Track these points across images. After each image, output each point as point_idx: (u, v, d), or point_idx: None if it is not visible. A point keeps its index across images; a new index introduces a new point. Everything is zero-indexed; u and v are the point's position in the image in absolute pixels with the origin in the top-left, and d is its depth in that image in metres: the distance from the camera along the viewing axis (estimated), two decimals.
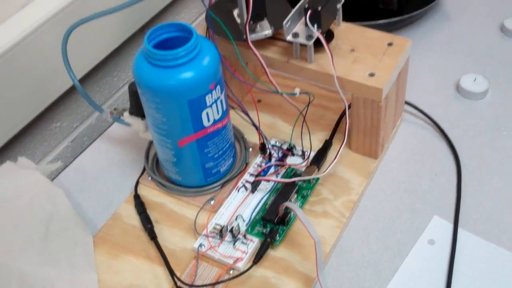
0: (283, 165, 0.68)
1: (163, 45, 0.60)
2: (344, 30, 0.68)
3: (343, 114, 0.73)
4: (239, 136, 0.72)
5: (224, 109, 0.62)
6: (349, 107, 0.66)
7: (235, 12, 0.68)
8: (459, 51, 0.83)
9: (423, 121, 0.75)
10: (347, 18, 0.73)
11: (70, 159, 0.86)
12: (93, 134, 0.90)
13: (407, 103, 0.75)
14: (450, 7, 0.90)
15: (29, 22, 0.72)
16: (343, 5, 0.67)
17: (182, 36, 0.59)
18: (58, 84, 0.78)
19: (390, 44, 0.66)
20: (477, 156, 0.70)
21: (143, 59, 0.58)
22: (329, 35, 0.66)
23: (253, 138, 0.71)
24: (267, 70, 0.63)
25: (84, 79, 0.84)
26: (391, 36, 0.67)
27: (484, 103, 0.76)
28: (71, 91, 0.82)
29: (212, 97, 0.59)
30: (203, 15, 1.05)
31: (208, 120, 0.61)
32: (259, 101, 0.77)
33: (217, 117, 0.61)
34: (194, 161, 0.64)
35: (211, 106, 0.60)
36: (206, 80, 0.58)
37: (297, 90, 0.62)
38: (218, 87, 0.60)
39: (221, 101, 0.61)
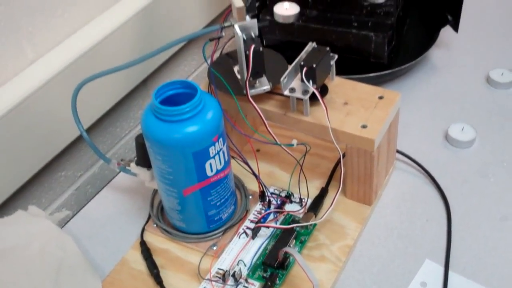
0: (281, 212, 0.71)
1: (169, 100, 0.64)
2: (338, 84, 0.73)
3: (338, 163, 0.77)
4: (239, 185, 0.75)
5: (226, 160, 0.66)
6: (344, 156, 0.70)
7: (236, 69, 0.73)
8: (447, 102, 0.88)
9: (414, 168, 0.79)
10: (341, 72, 0.78)
11: (74, 207, 0.89)
12: (96, 183, 0.93)
13: (399, 151, 0.79)
14: (438, 59, 0.95)
15: (38, 77, 0.77)
16: (336, 60, 0.72)
17: (187, 92, 0.64)
18: (64, 135, 0.83)
19: (381, 98, 0.70)
20: (466, 202, 0.74)
21: (151, 114, 0.63)
22: (324, 90, 0.71)
23: (253, 186, 0.75)
24: (266, 122, 0.67)
25: (89, 130, 0.88)
26: (381, 90, 0.71)
27: (471, 151, 0.80)
28: (76, 141, 0.85)
29: (215, 149, 0.63)
30: (202, 67, 1.10)
31: (211, 170, 0.65)
32: (258, 150, 0.81)
33: (219, 167, 0.65)
34: (198, 209, 0.67)
35: (214, 157, 0.64)
36: (210, 133, 0.62)
37: (294, 142, 0.66)
38: (221, 139, 0.64)
39: (223, 152, 0.65)
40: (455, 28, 0.91)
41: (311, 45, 0.70)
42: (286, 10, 0.86)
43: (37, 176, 0.82)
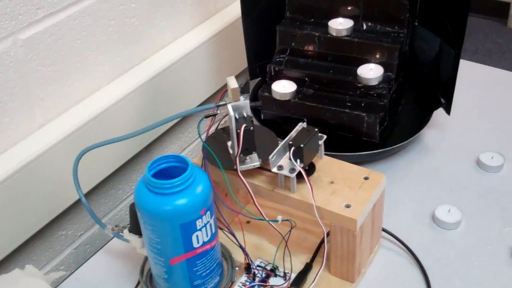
0: (265, 286, 0.73)
1: (163, 172, 0.67)
2: (326, 163, 0.76)
3: (323, 239, 0.79)
4: (227, 255, 0.78)
5: (213, 232, 0.69)
6: (328, 234, 0.72)
7: (229, 144, 0.76)
8: (436, 182, 0.90)
9: (399, 248, 0.81)
10: (334, 148, 0.81)
11: (72, 265, 0.92)
12: (95, 242, 0.96)
13: (385, 230, 0.81)
14: (430, 140, 0.98)
15: (45, 140, 0.81)
16: (328, 137, 0.75)
17: (179, 166, 0.67)
18: (67, 195, 0.86)
19: (366, 178, 0.73)
20: (448, 285, 0.75)
21: (143, 186, 0.66)
22: (311, 168, 0.74)
23: (240, 257, 0.77)
24: (254, 197, 0.70)
25: (91, 191, 0.91)
26: (367, 171, 0.74)
27: (457, 233, 0.82)
28: (78, 201, 0.89)
29: (202, 221, 0.66)
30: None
31: (198, 242, 0.67)
32: (248, 222, 0.83)
33: (206, 239, 0.68)
34: (184, 278, 0.69)
35: (201, 229, 0.66)
36: (198, 206, 0.65)
37: (279, 218, 0.69)
38: (208, 212, 0.67)
39: (210, 225, 0.68)
40: (448, 110, 0.94)
41: (301, 125, 0.74)
42: (283, 88, 0.91)
43: (39, 234, 0.85)
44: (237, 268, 0.76)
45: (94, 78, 0.89)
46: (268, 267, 0.76)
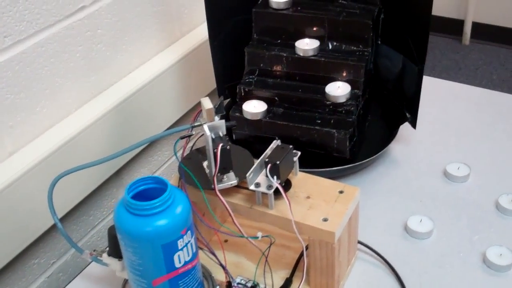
0: None
1: (141, 194, 0.68)
2: (301, 179, 0.77)
3: (302, 254, 0.80)
4: (207, 275, 0.78)
5: (194, 251, 0.70)
6: (307, 247, 0.74)
7: (205, 164, 0.77)
8: (406, 194, 0.93)
9: (375, 259, 0.82)
10: (305, 165, 0.82)
11: None
12: (68, 270, 0.95)
13: (360, 242, 0.83)
14: (397, 154, 1.01)
15: (16, 168, 0.80)
16: (299, 156, 0.77)
17: (158, 187, 0.68)
18: (39, 224, 0.85)
19: (341, 192, 0.75)
20: None
21: (123, 208, 0.66)
22: (287, 184, 0.75)
23: (220, 276, 0.77)
24: (232, 216, 0.71)
25: (63, 218, 0.90)
26: (342, 185, 0.76)
27: (429, 242, 0.85)
28: (50, 229, 0.88)
29: (183, 241, 0.67)
30: (172, 158, 1.15)
31: (180, 262, 0.68)
32: (225, 241, 0.84)
33: (187, 258, 0.68)
34: None
35: (182, 249, 0.67)
36: (178, 226, 0.66)
37: (259, 234, 0.70)
38: (189, 232, 0.67)
39: (191, 244, 0.68)
40: (413, 125, 0.97)
41: (275, 143, 0.75)
42: (254, 108, 0.93)
43: (11, 263, 0.83)
44: (218, 287, 0.77)
45: (63, 105, 0.89)
46: (249, 284, 0.77)
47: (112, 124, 0.94)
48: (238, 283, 0.77)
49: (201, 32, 1.10)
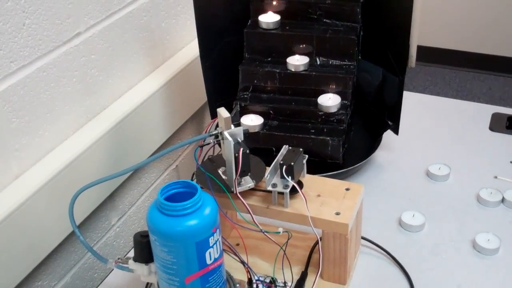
0: None
1: (169, 198, 0.73)
2: (309, 180, 0.84)
3: (312, 250, 0.87)
4: (226, 274, 0.83)
5: (221, 249, 0.75)
6: (317, 243, 0.80)
7: (220, 170, 0.83)
8: (395, 194, 1.01)
9: (376, 251, 0.90)
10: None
11: None
12: None
13: (362, 237, 0.90)
14: (382, 159, 1.09)
15: (20, 193, 0.83)
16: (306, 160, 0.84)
17: (187, 191, 0.73)
18: (45, 246, 0.88)
19: (347, 189, 0.82)
20: (426, 277, 0.85)
21: (156, 211, 0.71)
22: (299, 184, 0.82)
23: (237, 276, 0.83)
24: (252, 215, 0.77)
25: (63, 241, 0.93)
26: (347, 183, 0.83)
27: (423, 234, 0.93)
28: (52, 252, 0.91)
29: (214, 238, 0.72)
30: (160, 178, 1.19)
31: (210, 259, 0.73)
32: (237, 244, 0.89)
33: (216, 255, 0.74)
34: None
35: (212, 246, 0.72)
36: (210, 225, 0.71)
37: (280, 229, 0.76)
38: (218, 230, 0.73)
39: (219, 242, 0.74)
40: (396, 131, 1.06)
41: (285, 148, 0.82)
42: (251, 121, 1.00)
43: (17, 286, 0.85)
44: (238, 285, 0.82)
45: (62, 128, 0.93)
46: (267, 280, 0.82)
47: (108, 145, 0.98)
48: (257, 280, 0.82)
49: (182, 56, 1.17)
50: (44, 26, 0.85)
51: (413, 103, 1.24)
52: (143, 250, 0.77)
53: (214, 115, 1.10)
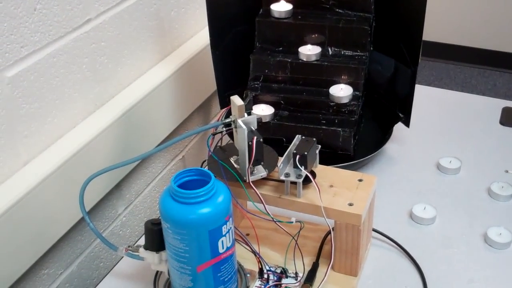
0: (280, 285, 0.79)
1: (182, 186, 0.72)
2: (322, 171, 0.83)
3: (323, 241, 0.86)
4: (237, 265, 0.83)
5: (233, 238, 0.74)
6: (328, 234, 0.80)
7: (232, 159, 0.82)
8: (406, 187, 1.01)
9: (387, 243, 0.89)
10: None
11: None
12: (73, 281, 0.97)
13: (373, 229, 0.89)
14: (392, 152, 1.09)
15: (29, 180, 0.82)
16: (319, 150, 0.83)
17: (200, 179, 0.72)
18: (52, 233, 0.88)
19: (360, 180, 0.81)
20: (438, 270, 0.85)
21: (170, 198, 0.70)
22: (312, 174, 0.81)
23: (248, 266, 0.82)
24: (265, 204, 0.76)
25: (70, 229, 0.92)
26: (360, 174, 0.83)
27: (434, 227, 0.92)
28: (60, 239, 0.90)
29: (226, 227, 0.72)
30: (166, 169, 1.18)
31: (223, 247, 0.72)
32: (247, 234, 0.89)
33: (229, 244, 0.73)
34: (208, 285, 0.74)
35: (225, 235, 0.72)
36: (223, 213, 0.71)
37: (293, 219, 0.76)
38: (231, 219, 0.72)
39: (232, 231, 0.73)
40: (407, 124, 1.05)
41: (298, 138, 0.81)
42: (262, 111, 0.99)
43: (24, 274, 0.85)
44: (248, 275, 0.81)
45: (71, 115, 0.92)
46: (278, 270, 0.82)
47: (117, 133, 0.97)
48: (268, 270, 0.82)
49: (191, 46, 1.16)
50: (55, 12, 0.84)
51: (422, 96, 1.23)
52: (154, 238, 0.76)
53: (223, 105, 1.10)
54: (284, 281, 0.80)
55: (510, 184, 0.98)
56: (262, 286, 0.79)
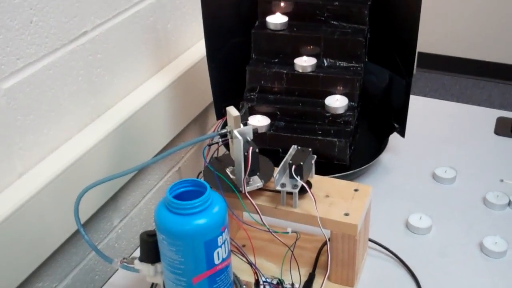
0: None
1: (177, 197, 0.72)
2: (317, 181, 0.84)
3: (319, 252, 0.86)
4: (233, 276, 0.82)
5: (229, 249, 0.74)
6: (324, 244, 0.80)
7: (228, 170, 0.82)
8: (402, 196, 1.01)
9: (384, 253, 0.89)
10: None
11: None
12: None
13: (369, 239, 0.89)
14: (388, 162, 1.09)
15: (24, 192, 0.82)
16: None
17: (195, 190, 0.72)
18: (48, 245, 0.87)
19: (356, 190, 0.82)
20: (434, 279, 0.85)
21: (165, 209, 0.70)
22: (308, 185, 0.81)
23: (244, 277, 0.82)
24: (261, 215, 0.76)
25: (63, 243, 0.91)
26: (356, 184, 0.83)
27: (430, 237, 0.93)
28: (54, 252, 0.90)
29: (222, 238, 0.71)
30: (162, 181, 1.18)
31: (218, 259, 0.72)
32: (243, 245, 0.89)
33: (224, 255, 0.73)
34: None
35: (221, 246, 0.72)
36: (218, 224, 0.71)
37: (289, 230, 0.76)
38: (226, 230, 0.72)
39: (227, 242, 0.73)
40: (402, 134, 1.05)
41: (294, 148, 0.82)
42: (258, 122, 0.99)
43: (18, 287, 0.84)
44: (244, 286, 0.81)
45: (67, 127, 0.92)
46: (274, 282, 0.81)
47: (113, 145, 0.97)
48: (264, 281, 0.82)
49: (187, 58, 1.16)
50: (51, 24, 0.85)
51: (417, 107, 1.24)
52: (150, 250, 0.76)
53: (219, 116, 1.10)
54: None
55: (505, 193, 0.98)
56: None
